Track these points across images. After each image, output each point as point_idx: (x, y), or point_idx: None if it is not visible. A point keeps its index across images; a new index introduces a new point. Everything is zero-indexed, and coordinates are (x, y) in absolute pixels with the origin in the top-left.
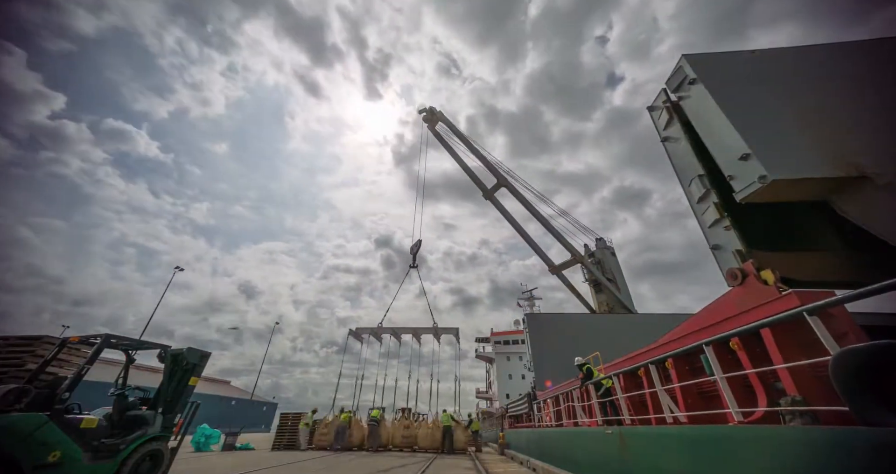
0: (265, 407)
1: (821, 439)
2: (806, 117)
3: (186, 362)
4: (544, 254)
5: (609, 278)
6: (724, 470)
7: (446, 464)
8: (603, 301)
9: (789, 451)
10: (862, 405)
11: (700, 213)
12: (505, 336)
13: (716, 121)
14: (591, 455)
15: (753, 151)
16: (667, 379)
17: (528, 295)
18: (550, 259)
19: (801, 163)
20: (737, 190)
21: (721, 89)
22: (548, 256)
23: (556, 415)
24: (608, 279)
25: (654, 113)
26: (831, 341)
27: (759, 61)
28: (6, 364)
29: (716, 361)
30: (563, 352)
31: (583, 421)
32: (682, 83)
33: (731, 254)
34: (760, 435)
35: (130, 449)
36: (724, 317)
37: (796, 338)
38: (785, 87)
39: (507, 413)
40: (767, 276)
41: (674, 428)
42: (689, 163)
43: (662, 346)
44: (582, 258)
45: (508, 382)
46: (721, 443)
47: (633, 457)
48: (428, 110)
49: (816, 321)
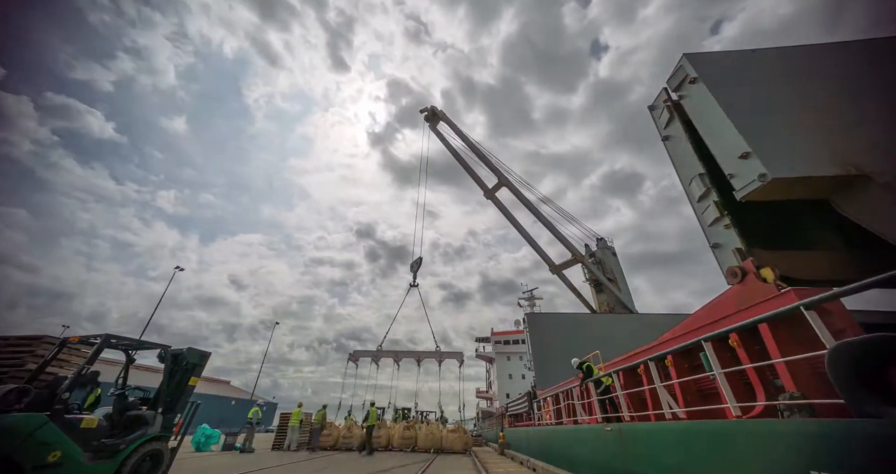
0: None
1: (817, 431)
2: (806, 116)
3: (186, 362)
4: (544, 253)
5: (609, 278)
6: (722, 463)
7: (447, 465)
8: (604, 301)
9: (786, 444)
10: (857, 397)
11: (700, 212)
12: (505, 336)
13: (716, 120)
14: (592, 451)
15: (753, 150)
16: (666, 377)
17: (528, 294)
18: (551, 258)
19: (801, 161)
20: (737, 188)
21: (721, 88)
22: (548, 256)
23: (556, 414)
24: (608, 279)
25: (654, 112)
26: (827, 334)
27: (759, 60)
28: (6, 364)
29: (715, 358)
30: (563, 352)
31: (583, 418)
32: (683, 82)
33: (731, 252)
34: (757, 429)
35: (131, 449)
36: (723, 315)
37: (794, 335)
38: (785, 87)
39: (507, 412)
40: (767, 274)
41: (672, 424)
42: (690, 161)
43: (662, 344)
44: (583, 258)
45: (508, 382)
46: (719, 438)
47: (633, 453)
48: (430, 110)
49: (813, 315)
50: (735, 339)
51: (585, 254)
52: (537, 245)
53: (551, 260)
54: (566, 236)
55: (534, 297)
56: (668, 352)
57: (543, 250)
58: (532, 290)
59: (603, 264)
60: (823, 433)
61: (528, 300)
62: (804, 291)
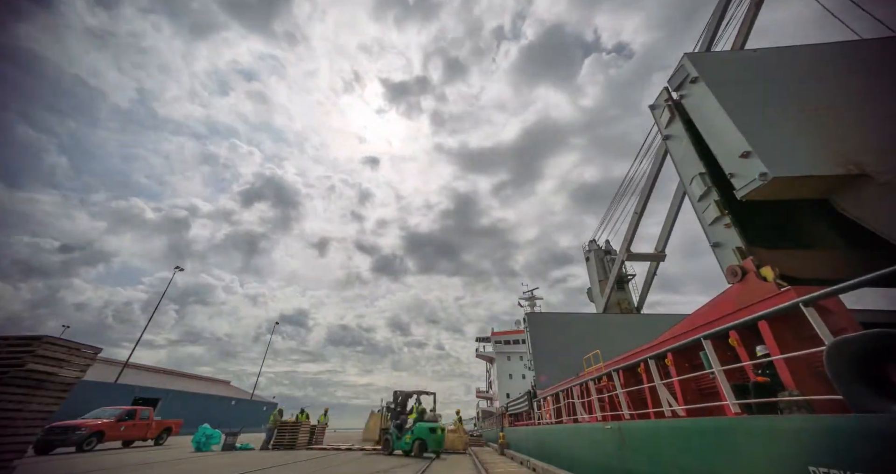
0: (265, 406)
1: (816, 427)
2: (806, 116)
3: None
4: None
5: (632, 275)
6: (722, 460)
7: (447, 465)
8: (623, 299)
9: (785, 440)
10: (855, 393)
11: (701, 211)
12: (505, 335)
13: (717, 120)
14: (592, 450)
15: (754, 149)
16: (666, 376)
17: (528, 294)
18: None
19: (802, 161)
20: (737, 187)
21: (722, 88)
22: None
23: (555, 413)
24: (631, 276)
25: (655, 111)
26: (826, 331)
27: (760, 60)
28: (6, 364)
29: (715, 356)
30: (563, 352)
31: (582, 417)
32: (684, 82)
33: (732, 251)
34: (756, 426)
35: None
36: (723, 314)
37: (794, 333)
38: (786, 86)
39: (508, 411)
40: (767, 273)
41: (672, 421)
42: (691, 161)
43: (662, 343)
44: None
45: (509, 382)
46: (718, 435)
47: (633, 451)
48: None
49: (812, 313)
50: (735, 338)
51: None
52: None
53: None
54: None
55: (534, 297)
56: (668, 351)
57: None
58: (532, 290)
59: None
60: (822, 429)
61: (528, 300)
62: (804, 289)
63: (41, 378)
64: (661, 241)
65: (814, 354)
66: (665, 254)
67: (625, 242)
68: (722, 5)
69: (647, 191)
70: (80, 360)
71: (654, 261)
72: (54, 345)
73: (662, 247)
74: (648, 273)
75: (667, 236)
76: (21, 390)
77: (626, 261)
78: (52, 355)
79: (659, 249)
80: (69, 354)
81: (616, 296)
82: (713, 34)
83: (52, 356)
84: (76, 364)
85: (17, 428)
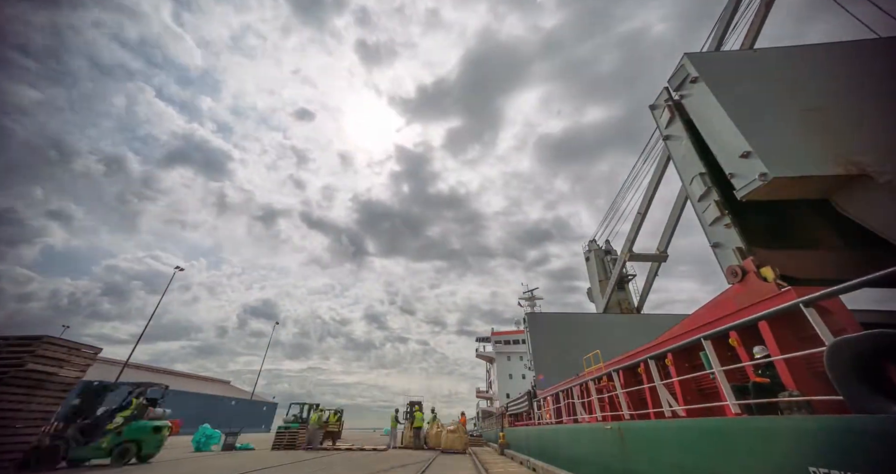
0: (265, 407)
1: (816, 428)
2: (807, 116)
3: None
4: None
5: (632, 275)
6: (722, 460)
7: (447, 464)
8: (623, 299)
9: (785, 441)
10: (856, 393)
11: (701, 211)
12: (506, 335)
13: (717, 120)
14: (592, 450)
15: (754, 149)
16: (666, 376)
17: (528, 294)
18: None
19: (802, 161)
20: (737, 187)
21: (722, 88)
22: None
23: (555, 413)
24: (631, 276)
25: (655, 111)
26: (826, 331)
27: (760, 60)
28: (6, 364)
29: (715, 356)
30: (563, 352)
31: (583, 417)
32: (684, 82)
33: (732, 251)
34: (756, 426)
35: None
36: (723, 314)
37: (794, 333)
38: (786, 86)
39: (508, 411)
40: (767, 273)
41: (672, 422)
42: (691, 161)
43: (662, 343)
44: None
45: (509, 382)
46: (719, 435)
47: (633, 451)
48: None
49: (812, 313)
50: (735, 338)
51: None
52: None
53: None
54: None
55: (534, 297)
56: (668, 351)
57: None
58: (532, 290)
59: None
60: (822, 429)
61: (528, 300)
62: (804, 290)
63: (41, 378)
64: (663, 242)
65: (814, 355)
66: (667, 254)
67: (627, 242)
68: (732, 4)
69: (651, 192)
70: (79, 360)
71: (655, 262)
72: (54, 345)
73: (664, 248)
74: (650, 273)
75: (669, 236)
76: (21, 390)
77: (628, 261)
78: (52, 355)
79: (661, 249)
80: (69, 354)
81: (616, 296)
82: (722, 34)
83: (52, 356)
84: (76, 364)
85: (17, 428)
